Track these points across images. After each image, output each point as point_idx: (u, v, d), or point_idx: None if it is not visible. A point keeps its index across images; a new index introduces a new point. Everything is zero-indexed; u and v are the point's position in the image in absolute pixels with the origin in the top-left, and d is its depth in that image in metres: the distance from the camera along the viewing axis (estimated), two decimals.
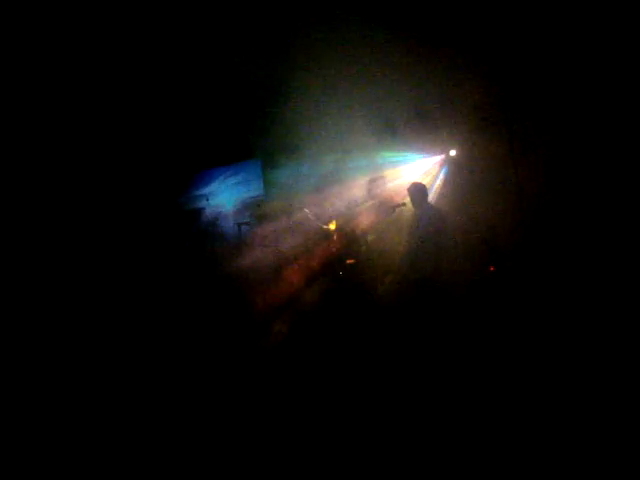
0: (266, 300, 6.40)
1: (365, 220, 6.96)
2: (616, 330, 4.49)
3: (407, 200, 6.31)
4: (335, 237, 7.04)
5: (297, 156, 7.56)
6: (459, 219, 6.33)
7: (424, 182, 6.20)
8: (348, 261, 6.81)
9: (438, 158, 7.02)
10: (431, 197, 6.37)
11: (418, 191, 5.76)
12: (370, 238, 6.84)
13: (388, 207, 6.64)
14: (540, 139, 6.33)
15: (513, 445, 3.32)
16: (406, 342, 5.06)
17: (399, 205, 6.45)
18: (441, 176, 6.96)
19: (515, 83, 6.25)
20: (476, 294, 5.82)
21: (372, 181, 7.17)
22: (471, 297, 5.66)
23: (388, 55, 6.21)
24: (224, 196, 8.68)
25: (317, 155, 7.41)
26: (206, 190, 8.68)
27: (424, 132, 6.78)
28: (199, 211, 8.40)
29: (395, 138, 6.89)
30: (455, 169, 6.88)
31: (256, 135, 7.78)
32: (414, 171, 7.09)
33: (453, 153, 6.82)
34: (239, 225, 7.84)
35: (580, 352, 4.31)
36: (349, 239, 6.96)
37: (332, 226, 7.16)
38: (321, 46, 6.25)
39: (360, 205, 7.08)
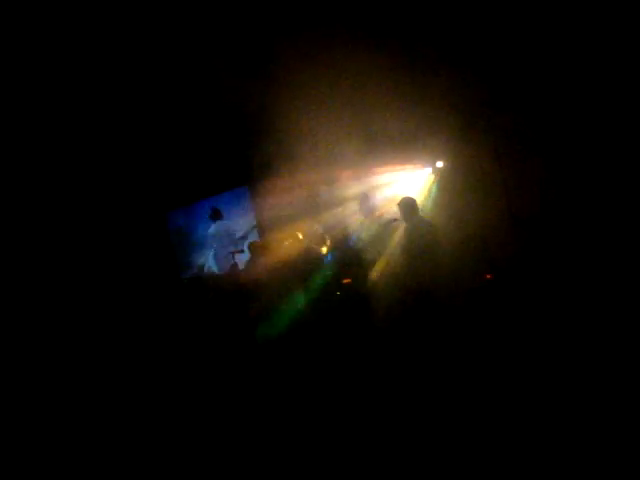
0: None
1: (359, 237, 6.95)
2: (614, 332, 4.47)
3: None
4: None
5: (285, 179, 7.56)
6: (451, 230, 6.32)
7: (413, 195, 6.22)
8: (344, 280, 6.77)
9: (426, 171, 7.04)
10: (421, 210, 6.36)
11: (408, 205, 5.78)
12: (366, 256, 6.79)
13: (383, 223, 6.67)
14: (527, 147, 6.37)
15: (508, 447, 3.30)
16: (406, 353, 5.01)
17: (393, 221, 6.48)
18: (430, 188, 6.97)
19: (502, 92, 6.27)
20: (474, 302, 5.81)
21: (363, 198, 7.17)
22: (470, 305, 5.66)
23: (374, 71, 6.18)
24: (212, 226, 8.58)
25: (305, 176, 7.41)
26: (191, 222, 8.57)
27: (411, 145, 6.80)
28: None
29: (383, 153, 6.90)
30: (444, 181, 6.90)
31: (240, 162, 7.74)
32: (403, 185, 7.11)
33: (440, 165, 6.85)
34: (232, 254, 7.80)
35: (578, 357, 4.29)
36: (344, 258, 6.94)
37: (324, 248, 7.15)
38: (305, 63, 6.22)
39: (353, 223, 7.06)
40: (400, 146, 6.81)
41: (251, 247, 7.29)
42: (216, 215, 8.32)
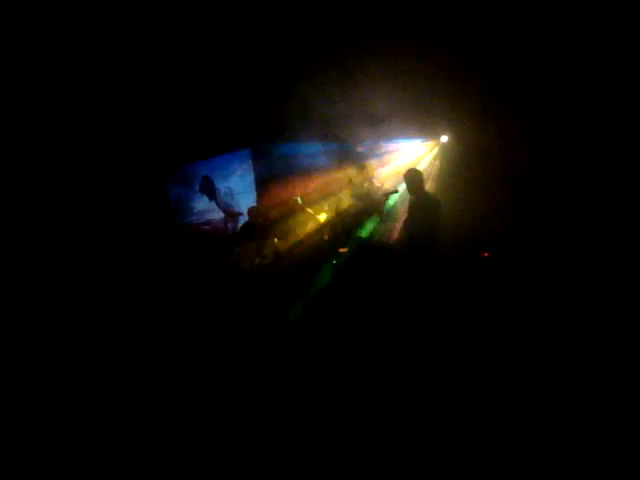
0: (260, 292, 6.33)
1: (356, 208, 6.92)
2: (611, 321, 4.48)
3: (400, 187, 6.36)
4: (327, 226, 7.02)
5: (286, 144, 7.47)
6: (453, 206, 6.33)
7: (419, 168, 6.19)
8: (341, 250, 6.77)
9: (430, 144, 7.00)
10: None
11: (415, 178, 5.73)
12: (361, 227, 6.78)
13: (381, 194, 6.62)
14: (531, 128, 6.36)
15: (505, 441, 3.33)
16: (403, 327, 5.04)
17: (391, 192, 6.44)
18: (434, 163, 6.95)
19: (508, 76, 6.24)
20: (470, 279, 5.86)
21: (361, 167, 7.11)
22: (465, 281, 5.71)
23: (382, 48, 6.22)
24: (215, 186, 8.49)
25: (307, 142, 7.33)
26: (196, 181, 8.47)
27: (415, 117, 6.73)
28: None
29: (385, 123, 6.82)
30: (447, 157, 6.88)
31: (244, 124, 7.61)
32: (405, 157, 7.08)
33: (445, 139, 6.81)
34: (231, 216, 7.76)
35: (575, 342, 4.29)
36: (340, 228, 6.93)
37: (323, 216, 7.13)
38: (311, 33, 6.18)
39: (351, 193, 7.01)
40: (404, 116, 6.74)
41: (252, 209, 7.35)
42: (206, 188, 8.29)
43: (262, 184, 7.92)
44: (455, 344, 4.63)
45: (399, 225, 6.53)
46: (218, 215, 8.29)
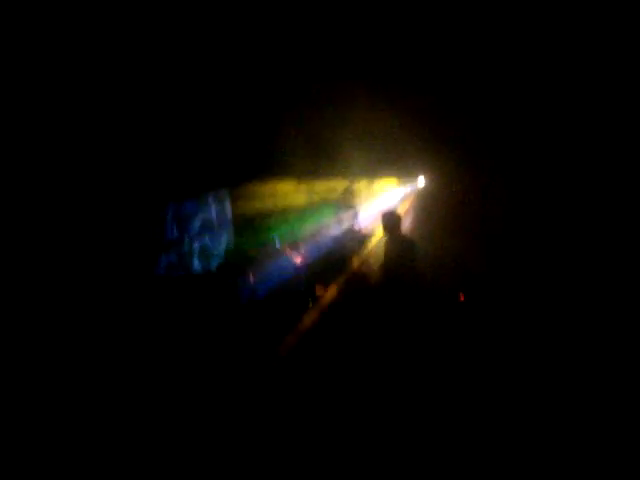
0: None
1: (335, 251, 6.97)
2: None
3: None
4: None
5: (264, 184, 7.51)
6: (429, 247, 6.41)
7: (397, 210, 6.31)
8: (317, 288, 6.77)
9: (408, 189, 7.15)
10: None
11: (392, 219, 5.79)
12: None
13: (359, 238, 6.74)
14: (505, 173, 6.59)
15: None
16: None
17: (370, 236, 6.58)
18: (410, 205, 7.09)
19: (484, 122, 6.54)
20: (447, 321, 5.89)
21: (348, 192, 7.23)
22: (442, 324, 5.74)
23: (363, 95, 6.39)
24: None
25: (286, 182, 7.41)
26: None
27: (393, 161, 6.90)
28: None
29: (366, 165, 6.97)
30: (423, 199, 7.03)
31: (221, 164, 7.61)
32: (383, 199, 7.20)
33: (421, 182, 6.97)
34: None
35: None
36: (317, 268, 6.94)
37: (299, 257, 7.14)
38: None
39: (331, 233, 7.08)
40: (389, 165, 6.92)
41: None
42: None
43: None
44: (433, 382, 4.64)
45: (376, 266, 6.58)
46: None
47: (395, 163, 7.00)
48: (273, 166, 7.10)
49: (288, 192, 7.45)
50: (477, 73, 6.26)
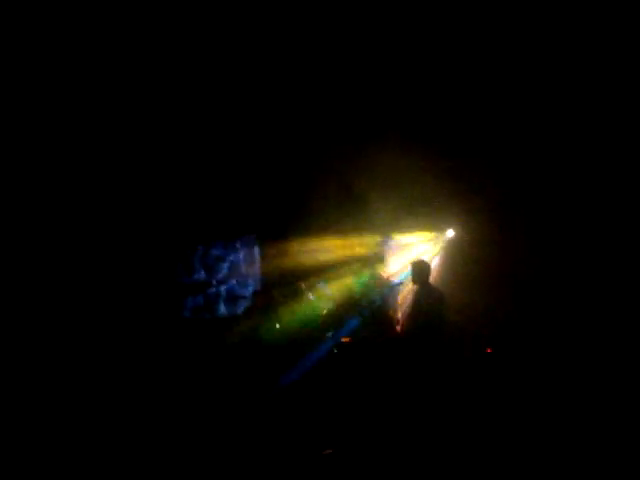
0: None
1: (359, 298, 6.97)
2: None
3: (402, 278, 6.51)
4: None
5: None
6: (457, 300, 6.41)
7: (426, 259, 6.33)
8: (343, 339, 6.73)
9: (435, 238, 7.22)
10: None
11: (422, 268, 5.81)
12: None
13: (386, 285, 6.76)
14: (533, 225, 6.65)
15: None
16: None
17: (397, 284, 6.59)
18: (438, 258, 7.13)
19: (513, 173, 6.69)
20: (474, 374, 5.82)
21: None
22: (469, 376, 5.75)
23: (392, 149, 6.57)
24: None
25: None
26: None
27: (423, 213, 7.00)
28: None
29: (395, 218, 7.08)
30: (451, 250, 7.07)
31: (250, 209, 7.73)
32: (411, 249, 7.26)
33: (450, 234, 7.03)
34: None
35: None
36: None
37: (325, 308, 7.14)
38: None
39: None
40: (418, 216, 7.06)
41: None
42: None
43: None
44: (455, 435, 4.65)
45: (401, 316, 6.57)
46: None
47: (425, 216, 7.09)
48: (304, 217, 7.18)
49: (322, 247, 7.48)
50: (505, 129, 6.43)
